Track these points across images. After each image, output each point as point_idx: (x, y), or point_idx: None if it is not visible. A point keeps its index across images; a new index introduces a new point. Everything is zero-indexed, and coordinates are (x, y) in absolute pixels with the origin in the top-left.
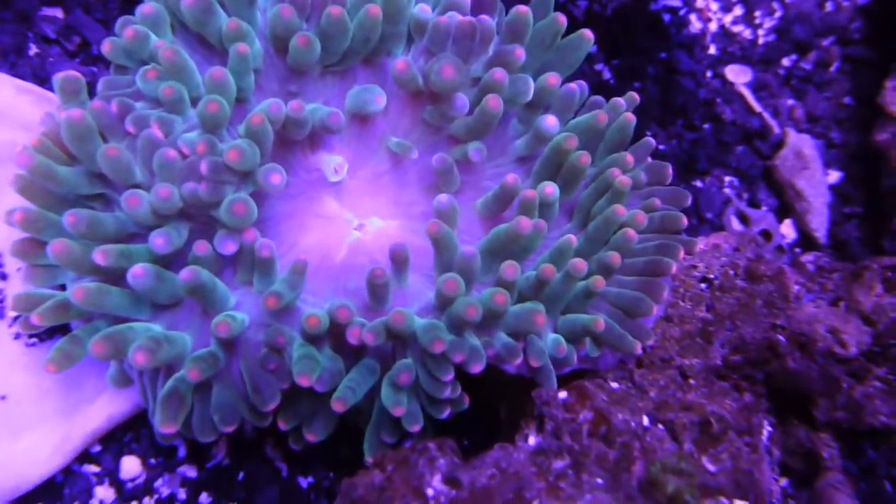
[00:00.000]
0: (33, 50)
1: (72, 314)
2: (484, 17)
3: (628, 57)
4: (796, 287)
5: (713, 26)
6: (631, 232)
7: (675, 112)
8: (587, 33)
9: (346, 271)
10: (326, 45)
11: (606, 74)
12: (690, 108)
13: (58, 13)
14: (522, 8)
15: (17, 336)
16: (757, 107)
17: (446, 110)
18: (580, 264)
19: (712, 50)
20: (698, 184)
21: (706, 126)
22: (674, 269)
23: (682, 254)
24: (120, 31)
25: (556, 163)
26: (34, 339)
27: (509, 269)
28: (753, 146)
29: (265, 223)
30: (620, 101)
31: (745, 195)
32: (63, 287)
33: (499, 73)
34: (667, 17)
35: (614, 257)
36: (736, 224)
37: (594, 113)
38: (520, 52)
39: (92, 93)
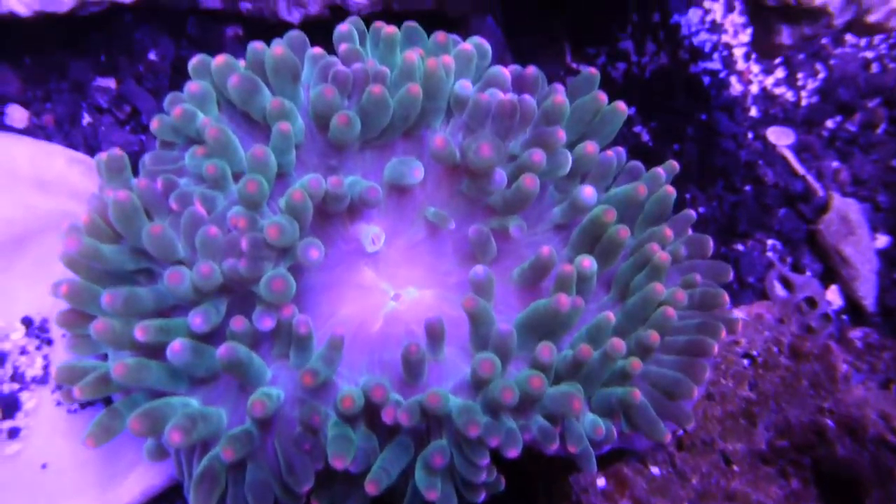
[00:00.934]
0: (86, 119)
1: (112, 388)
2: (526, 96)
3: (667, 119)
4: (844, 366)
5: (754, 88)
6: (670, 311)
7: (715, 174)
8: (620, 106)
9: (382, 342)
10: (367, 122)
11: (645, 137)
12: (731, 169)
13: (111, 83)
14: (559, 98)
15: (60, 402)
16: (800, 169)
17: (484, 185)
18: (619, 345)
19: (753, 112)
20: (739, 247)
21: (747, 188)
22: (715, 350)
23: (723, 333)
24: (169, 109)
25: (594, 235)
26: (76, 406)
27: (545, 350)
28: (797, 209)
29: (304, 294)
30: (660, 171)
31: (789, 259)
32: (105, 356)
33: (537, 156)
34: (706, 79)
35: (653, 337)
36: (779, 289)
37: (634, 185)
38: (561, 134)
39: (137, 161)
